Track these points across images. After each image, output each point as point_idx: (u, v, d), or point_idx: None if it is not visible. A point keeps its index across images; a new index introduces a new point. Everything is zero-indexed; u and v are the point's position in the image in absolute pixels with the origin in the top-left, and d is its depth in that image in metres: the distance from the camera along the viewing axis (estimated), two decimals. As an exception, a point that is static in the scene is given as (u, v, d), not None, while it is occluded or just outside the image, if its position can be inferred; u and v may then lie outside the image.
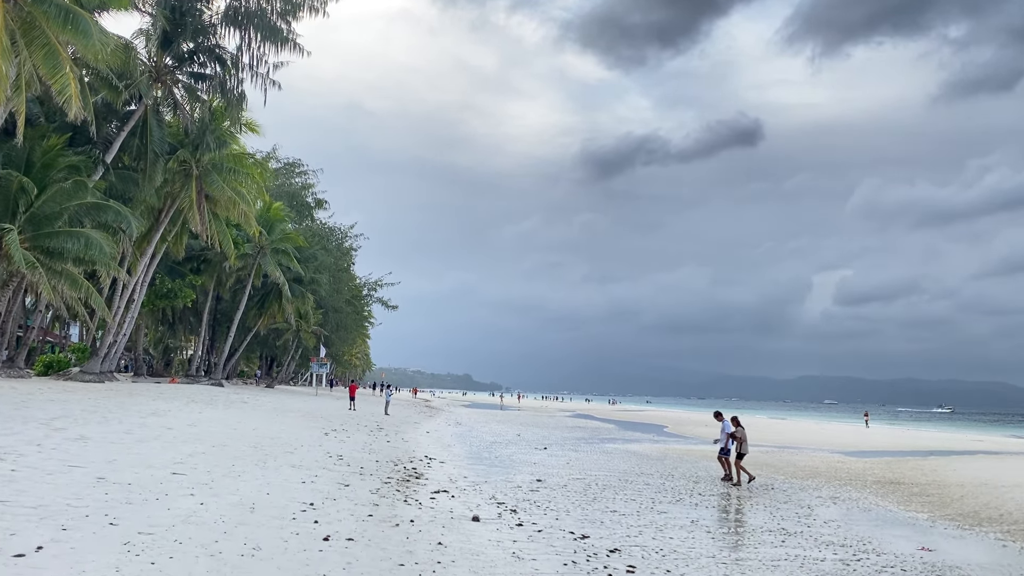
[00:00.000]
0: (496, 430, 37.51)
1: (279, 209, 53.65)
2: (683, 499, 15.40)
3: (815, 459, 27.93)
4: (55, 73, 22.15)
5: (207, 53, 33.57)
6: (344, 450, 18.79)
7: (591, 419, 62.44)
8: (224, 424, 21.37)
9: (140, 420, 18.98)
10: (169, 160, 34.47)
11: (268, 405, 33.61)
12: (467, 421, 46.10)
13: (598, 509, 13.37)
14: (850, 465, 25.76)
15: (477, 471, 18.02)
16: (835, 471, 23.26)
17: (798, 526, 12.77)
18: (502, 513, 12.01)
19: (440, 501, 12.60)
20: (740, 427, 19.44)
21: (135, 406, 22.84)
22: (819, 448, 34.73)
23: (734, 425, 19.42)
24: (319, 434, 22.60)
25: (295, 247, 54.67)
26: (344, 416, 33.87)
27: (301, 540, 8.33)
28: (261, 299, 58.21)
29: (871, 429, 61.69)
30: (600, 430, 44.08)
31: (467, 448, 25.31)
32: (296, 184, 64.19)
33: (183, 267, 51.87)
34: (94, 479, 10.39)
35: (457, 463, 19.64)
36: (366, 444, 21.35)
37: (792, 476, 21.06)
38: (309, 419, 28.72)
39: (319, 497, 11.34)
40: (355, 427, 28.00)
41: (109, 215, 29.96)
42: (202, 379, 52.74)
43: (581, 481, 17.38)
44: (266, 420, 25.17)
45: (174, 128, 36.59)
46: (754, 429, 52.93)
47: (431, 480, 15.29)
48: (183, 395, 31.82)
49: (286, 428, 23.01)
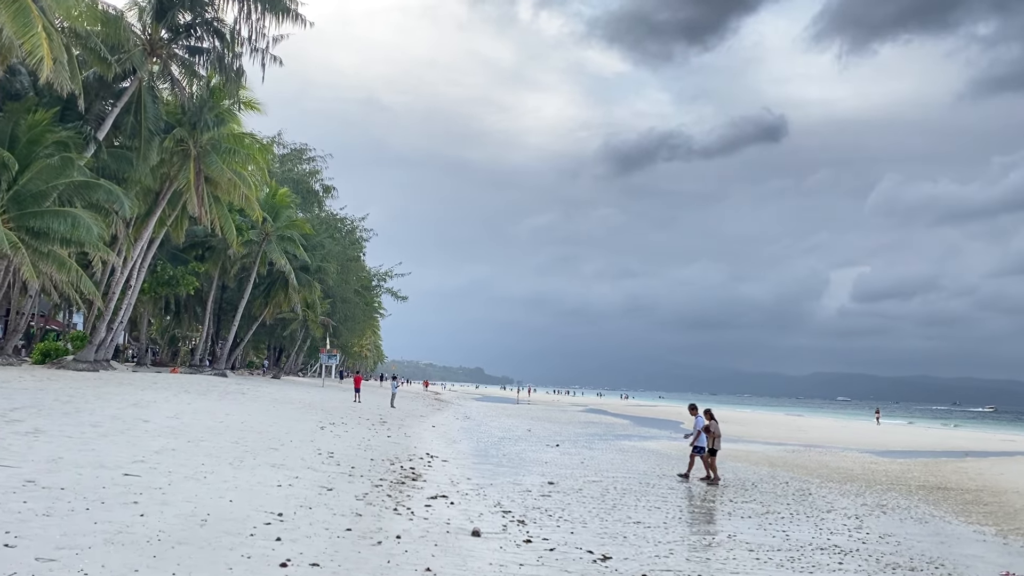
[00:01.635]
0: (506, 425, 35.81)
1: (285, 195, 52.00)
2: (714, 507, 13.62)
3: (846, 459, 26.08)
4: (25, 33, 20.50)
5: (204, 26, 31.90)
6: (337, 446, 17.12)
7: (604, 414, 60.68)
8: (211, 416, 19.76)
9: (115, 412, 17.38)
10: (165, 139, 32.83)
11: (268, 396, 32.05)
12: (476, 415, 44.44)
13: (619, 519, 11.62)
14: (885, 467, 23.90)
15: (482, 471, 16.29)
16: (872, 474, 21.42)
17: (852, 542, 10.98)
18: (507, 525, 10.27)
19: (436, 509, 10.88)
20: (714, 421, 17.97)
21: (117, 396, 21.28)
22: (846, 447, 32.84)
23: (707, 419, 17.89)
24: (314, 428, 20.96)
25: (301, 234, 53.03)
26: (347, 409, 32.24)
27: (250, 566, 6.62)
28: (267, 288, 56.62)
29: (883, 427, 59.77)
30: (614, 426, 42.31)
31: (474, 444, 23.60)
32: (303, 171, 62.54)
33: (187, 254, 50.41)
34: (20, 483, 8.73)
35: (461, 462, 17.92)
36: (363, 440, 19.67)
37: (828, 479, 19.24)
38: (308, 411, 27.11)
39: (292, 505, 9.65)
40: (356, 420, 26.36)
41: (100, 194, 28.40)
42: (206, 369, 51.27)
43: (598, 484, 15.62)
44: (260, 412, 23.56)
45: (171, 106, 34.98)
46: (774, 427, 51.15)
47: (429, 482, 13.56)
48: (178, 385, 30.29)
49: (279, 421, 21.39)
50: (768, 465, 22.22)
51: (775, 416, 75.57)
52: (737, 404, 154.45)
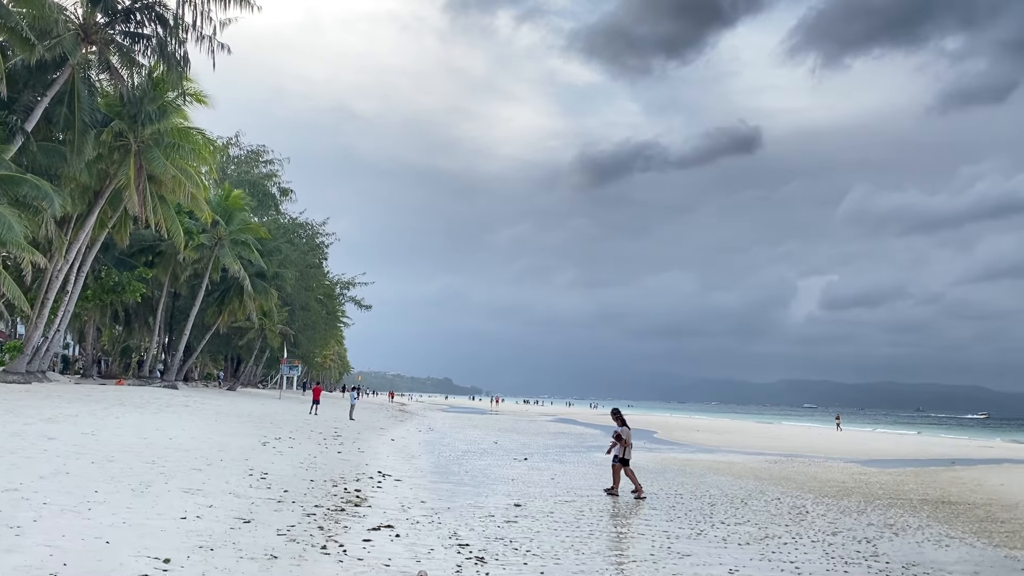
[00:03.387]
0: (471, 437, 33.82)
1: (239, 197, 49.57)
2: (704, 531, 11.81)
3: (833, 470, 24.50)
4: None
5: (145, 10, 29.62)
6: (275, 465, 15.06)
7: (574, 424, 58.89)
8: (137, 432, 17.58)
9: (20, 428, 15.16)
10: (102, 133, 30.44)
11: (213, 409, 29.74)
12: (441, 427, 42.38)
13: (598, 551, 9.76)
14: (877, 478, 22.34)
15: (440, 492, 14.31)
16: (865, 486, 19.80)
17: (872, 574, 9.25)
18: (462, 566, 8.34)
19: (377, 544, 8.93)
20: (626, 427, 15.88)
21: (33, 410, 18.97)
22: (829, 456, 31.35)
23: (617, 423, 15.91)
24: (254, 444, 18.84)
25: (257, 239, 50.64)
26: (300, 422, 30.05)
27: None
28: (221, 295, 53.99)
29: (861, 434, 58.93)
30: (585, 436, 40.51)
31: (434, 460, 21.60)
32: (260, 173, 60.07)
33: (135, 259, 47.79)
34: None
35: (416, 481, 15.92)
36: (308, 457, 17.60)
37: (821, 494, 17.55)
38: (254, 425, 24.92)
39: (190, 545, 7.65)
40: (307, 434, 24.23)
41: (25, 189, 26.00)
42: (156, 381, 48.61)
43: (571, 505, 13.75)
44: (197, 427, 21.36)
45: (111, 98, 32.60)
46: (749, 435, 49.66)
47: (375, 508, 11.58)
48: (113, 398, 27.89)
49: (216, 436, 19.23)
50: (754, 478, 20.53)
51: (746, 424, 74.38)
52: (705, 412, 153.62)
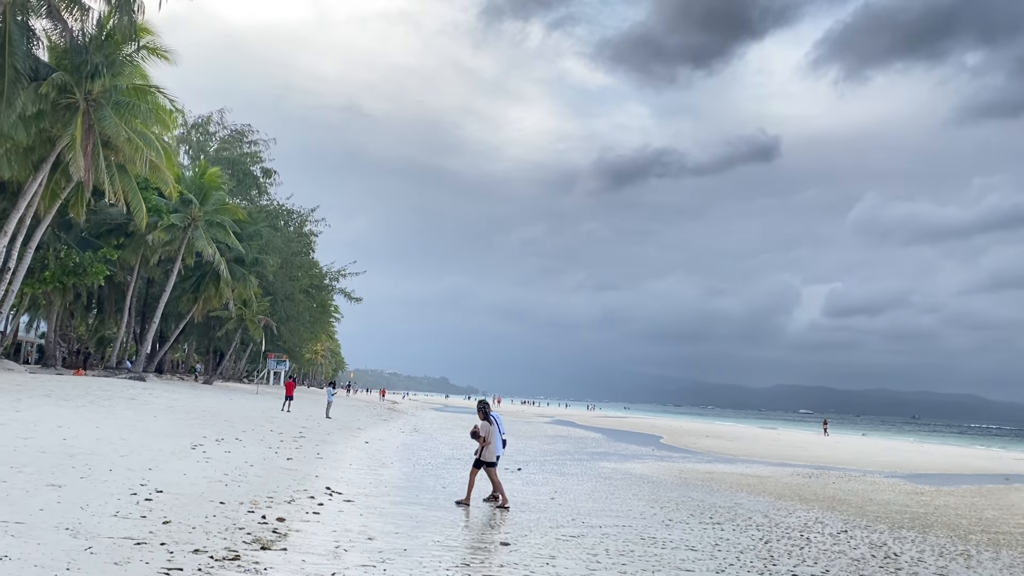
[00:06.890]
0: (459, 440, 29.99)
1: (215, 175, 45.77)
2: (777, 593, 8.08)
3: (882, 488, 20.75)
4: None
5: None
6: (186, 478, 11.31)
7: (573, 426, 55.16)
8: (21, 430, 13.86)
9: None
10: (41, 85, 26.66)
11: (164, 404, 26.01)
12: (428, 428, 38.62)
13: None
14: (941, 500, 18.60)
15: (399, 521, 10.48)
16: (937, 512, 16.03)
17: None
18: None
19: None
20: (485, 421, 12.64)
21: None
22: (864, 470, 27.62)
23: (480, 417, 12.72)
24: (183, 446, 15.09)
25: (235, 220, 46.89)
26: (263, 420, 26.33)
27: None
28: (196, 281, 50.14)
29: (831, 438, 55.53)
30: (586, 440, 36.79)
31: (408, 469, 17.80)
32: (241, 152, 56.24)
33: (102, 240, 44.01)
34: None
35: (374, 501, 12.11)
36: (243, 465, 13.83)
37: (895, 524, 13.75)
38: (201, 423, 21.16)
39: None
40: (261, 435, 20.50)
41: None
42: (122, 372, 44.76)
43: (578, 541, 10.00)
44: (122, 425, 17.62)
45: (59, 51, 28.84)
46: (763, 442, 45.72)
47: (290, 553, 7.78)
48: (42, 389, 24.19)
49: (135, 437, 15.49)
50: (798, 499, 16.77)
51: (751, 429, 70.70)
52: (703, 416, 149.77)
